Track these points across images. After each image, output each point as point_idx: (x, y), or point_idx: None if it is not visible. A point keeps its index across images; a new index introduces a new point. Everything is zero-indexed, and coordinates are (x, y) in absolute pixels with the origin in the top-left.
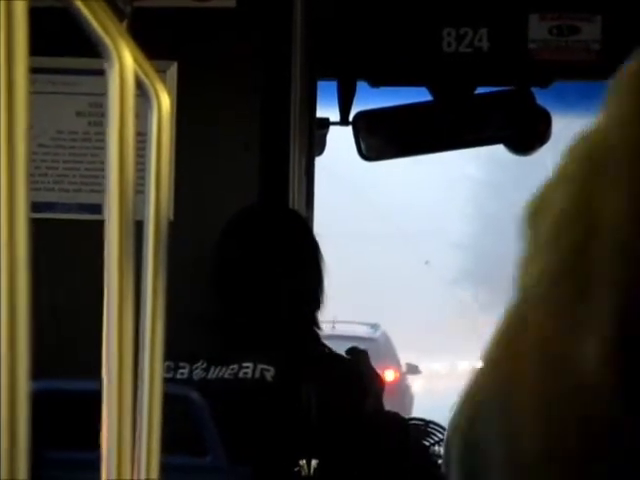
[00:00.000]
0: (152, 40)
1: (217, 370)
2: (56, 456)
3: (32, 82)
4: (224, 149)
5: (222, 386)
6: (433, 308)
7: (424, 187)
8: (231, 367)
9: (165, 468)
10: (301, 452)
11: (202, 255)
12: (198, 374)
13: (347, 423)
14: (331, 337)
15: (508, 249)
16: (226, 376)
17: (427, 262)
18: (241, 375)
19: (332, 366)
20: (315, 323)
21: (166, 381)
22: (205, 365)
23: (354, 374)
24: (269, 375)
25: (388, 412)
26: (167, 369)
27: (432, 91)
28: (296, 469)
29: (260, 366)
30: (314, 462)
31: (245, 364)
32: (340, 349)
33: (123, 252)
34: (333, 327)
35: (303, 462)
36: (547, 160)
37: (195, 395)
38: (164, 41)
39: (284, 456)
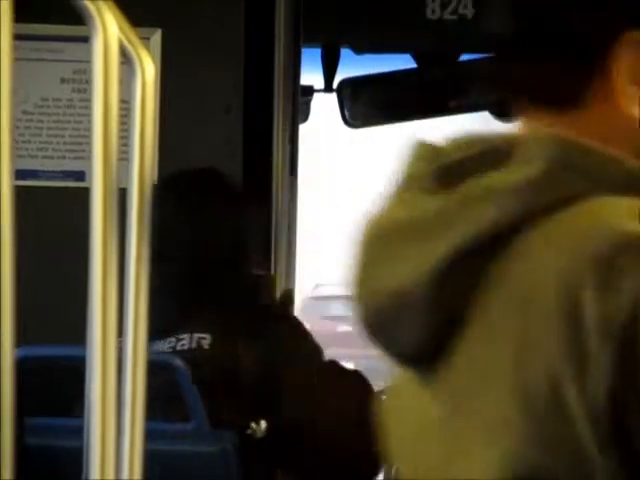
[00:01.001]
0: (136, 7)
1: (155, 345)
2: (39, 423)
3: (16, 49)
4: (208, 116)
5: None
6: None
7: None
8: (169, 340)
9: (148, 434)
10: (250, 414)
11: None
12: None
13: (293, 379)
14: (317, 298)
15: None
16: (165, 350)
17: None
18: (179, 347)
19: (271, 324)
20: (245, 276)
21: None
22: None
23: (294, 327)
24: (206, 343)
25: (336, 364)
26: None
27: (416, 58)
28: (248, 431)
29: (196, 335)
30: (263, 423)
31: (182, 336)
32: (323, 310)
33: (107, 219)
34: (315, 288)
35: (253, 424)
36: None
37: (178, 362)
38: (148, 8)
39: (233, 420)
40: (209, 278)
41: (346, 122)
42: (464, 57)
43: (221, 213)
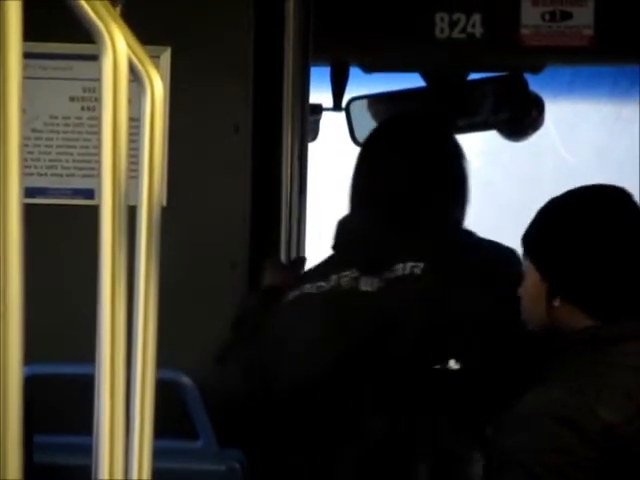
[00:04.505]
0: (145, 25)
1: (369, 280)
2: (47, 440)
3: (25, 67)
4: (217, 135)
5: (373, 292)
6: None
7: None
8: (382, 274)
9: (156, 452)
10: (451, 347)
11: (196, 239)
12: (347, 282)
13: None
14: None
15: (507, 220)
16: (374, 286)
17: None
18: (391, 277)
19: (489, 250)
20: (461, 223)
21: (306, 296)
22: (356, 274)
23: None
24: (418, 270)
25: None
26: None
27: (425, 77)
28: (439, 367)
29: (409, 264)
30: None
31: (395, 267)
32: None
33: (116, 237)
34: None
35: (451, 362)
36: (545, 129)
37: (186, 380)
38: (158, 27)
39: (430, 353)
40: (431, 217)
41: (355, 141)
42: (473, 76)
43: (434, 155)
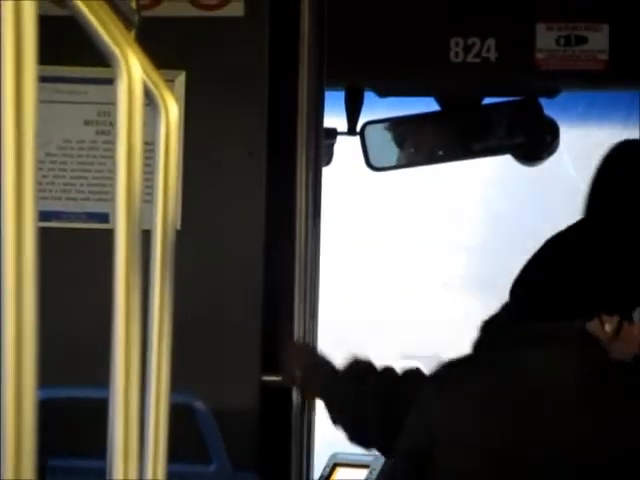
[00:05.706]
0: (160, 49)
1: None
2: (61, 464)
3: (40, 91)
4: (231, 159)
5: None
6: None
7: (432, 185)
8: None
9: (170, 476)
10: None
11: (211, 264)
12: None
13: None
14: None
15: (517, 250)
16: None
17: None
18: None
19: None
20: None
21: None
22: None
23: None
24: None
25: None
26: None
27: (440, 101)
28: None
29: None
30: None
31: None
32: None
33: (130, 261)
34: None
35: None
36: (558, 156)
37: (199, 404)
38: (172, 51)
39: None
40: None
41: (369, 165)
42: (487, 100)
43: None
